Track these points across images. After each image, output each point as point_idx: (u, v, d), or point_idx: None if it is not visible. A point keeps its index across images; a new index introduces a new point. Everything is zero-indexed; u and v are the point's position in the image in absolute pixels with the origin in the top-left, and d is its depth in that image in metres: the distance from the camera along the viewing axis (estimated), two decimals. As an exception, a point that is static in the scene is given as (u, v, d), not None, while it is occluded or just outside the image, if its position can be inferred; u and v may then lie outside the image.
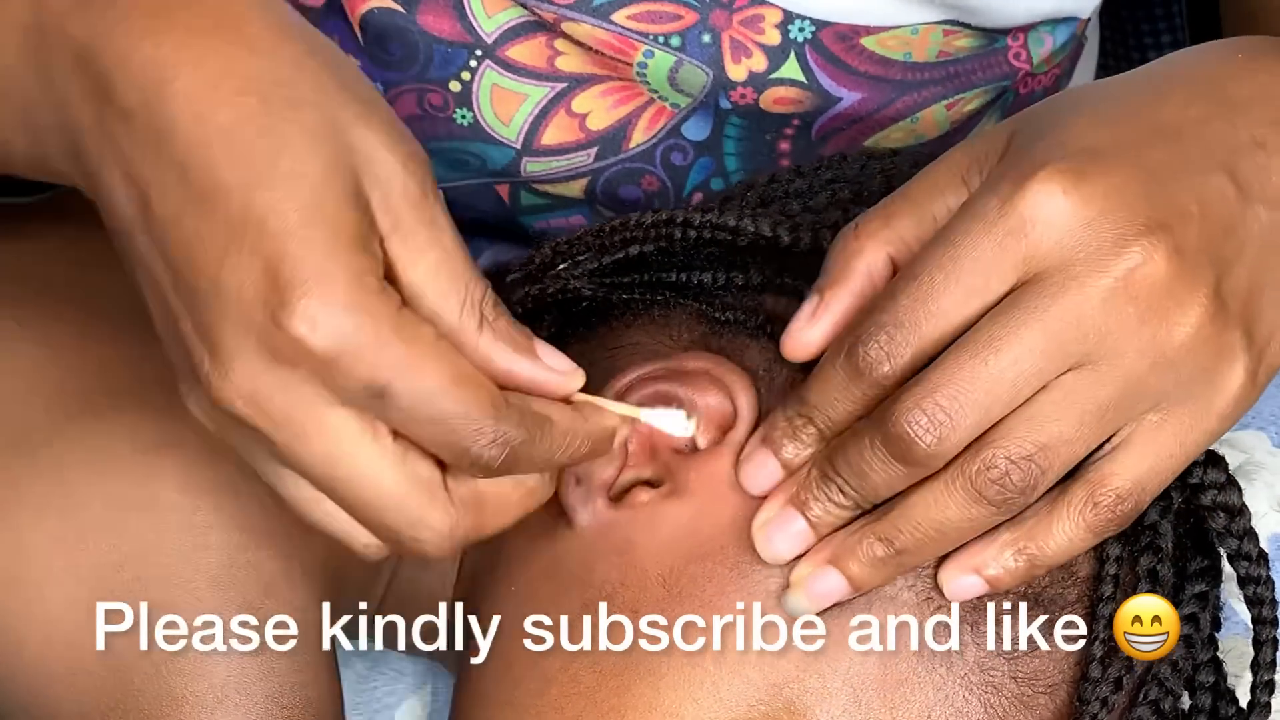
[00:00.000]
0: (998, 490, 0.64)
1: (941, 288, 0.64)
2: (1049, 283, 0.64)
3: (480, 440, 0.61)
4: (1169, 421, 0.65)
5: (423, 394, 0.60)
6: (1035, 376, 0.64)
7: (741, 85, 0.86)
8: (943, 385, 0.64)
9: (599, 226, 0.76)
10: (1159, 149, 0.66)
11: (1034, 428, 0.64)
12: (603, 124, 0.87)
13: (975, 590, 0.68)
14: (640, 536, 0.71)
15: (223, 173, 0.59)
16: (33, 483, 0.70)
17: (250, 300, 0.59)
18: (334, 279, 0.59)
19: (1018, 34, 0.88)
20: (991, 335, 0.64)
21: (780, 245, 0.73)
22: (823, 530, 0.68)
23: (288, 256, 0.59)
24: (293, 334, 0.59)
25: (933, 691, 0.69)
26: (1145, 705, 0.70)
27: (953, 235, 0.65)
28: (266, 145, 0.60)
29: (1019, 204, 0.64)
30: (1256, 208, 0.66)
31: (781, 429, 0.69)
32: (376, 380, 0.60)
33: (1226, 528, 0.71)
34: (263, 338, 0.59)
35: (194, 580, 0.70)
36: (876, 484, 0.66)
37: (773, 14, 0.85)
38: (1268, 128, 0.67)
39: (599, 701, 0.69)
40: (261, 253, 0.59)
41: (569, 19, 0.84)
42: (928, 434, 0.64)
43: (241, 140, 0.59)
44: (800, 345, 0.69)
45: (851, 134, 0.87)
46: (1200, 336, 0.64)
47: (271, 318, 0.59)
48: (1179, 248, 0.64)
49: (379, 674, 0.85)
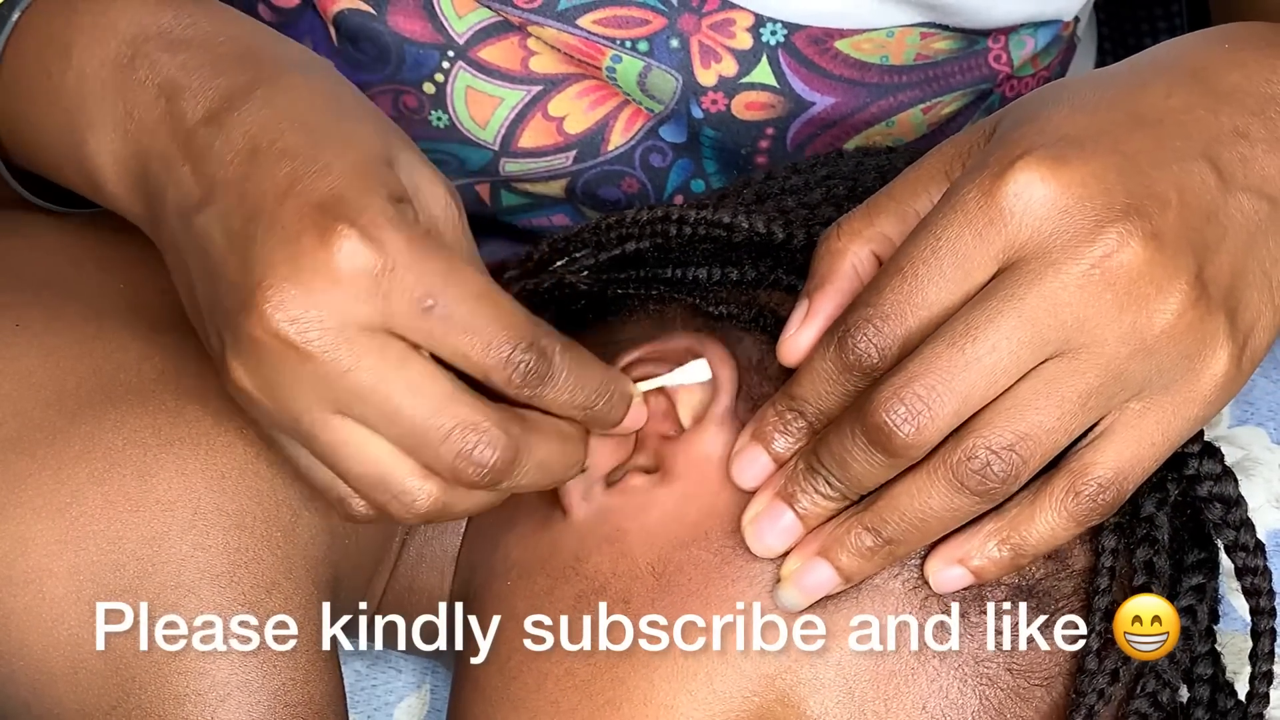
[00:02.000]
0: (979, 480, 0.64)
1: (925, 279, 0.65)
2: (1026, 270, 0.64)
3: (520, 344, 0.64)
4: (1151, 409, 0.65)
5: (465, 299, 0.64)
6: (1014, 364, 0.64)
7: (712, 90, 0.86)
8: (920, 375, 0.64)
9: (596, 223, 0.76)
10: (1139, 136, 0.66)
11: (1014, 417, 0.64)
12: (580, 127, 0.87)
13: (961, 582, 0.68)
14: (631, 524, 0.71)
15: (290, 138, 0.65)
16: (33, 482, 0.70)
17: (305, 226, 0.63)
18: (383, 209, 0.64)
19: (999, 36, 0.87)
20: (969, 324, 0.64)
21: (774, 242, 0.73)
22: (811, 523, 0.68)
23: (341, 193, 0.63)
24: (346, 253, 0.63)
25: (928, 683, 0.69)
26: (1143, 698, 0.70)
27: (934, 226, 0.65)
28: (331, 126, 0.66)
29: (997, 193, 0.64)
30: (1238, 196, 0.66)
31: (771, 423, 0.69)
32: (424, 289, 0.63)
33: (1223, 519, 0.71)
34: (317, 260, 0.63)
35: (195, 580, 0.70)
36: (860, 475, 0.66)
37: (744, 18, 0.85)
38: (1250, 117, 0.67)
39: (594, 695, 0.69)
40: (317, 192, 0.64)
41: (534, 23, 0.84)
42: (906, 423, 0.64)
43: (309, 120, 0.66)
44: (795, 350, 0.69)
45: (827, 139, 0.87)
46: (1182, 323, 0.64)
47: (322, 240, 0.63)
48: (1156, 233, 0.64)
49: (378, 672, 0.85)
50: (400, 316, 0.64)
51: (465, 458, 0.64)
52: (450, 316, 0.64)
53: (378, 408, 0.64)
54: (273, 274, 0.63)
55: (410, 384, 0.64)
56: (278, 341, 0.63)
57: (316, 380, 0.64)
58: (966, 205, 0.64)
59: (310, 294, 0.63)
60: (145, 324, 0.74)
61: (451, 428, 0.64)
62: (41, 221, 0.80)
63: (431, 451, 0.64)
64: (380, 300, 0.63)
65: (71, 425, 0.71)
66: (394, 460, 0.65)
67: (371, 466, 0.65)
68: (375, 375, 0.64)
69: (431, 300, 0.64)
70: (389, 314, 0.63)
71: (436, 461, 0.65)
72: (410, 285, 0.63)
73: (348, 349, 0.63)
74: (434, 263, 0.64)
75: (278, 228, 0.64)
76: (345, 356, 0.63)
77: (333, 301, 0.63)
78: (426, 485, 0.66)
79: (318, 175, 0.64)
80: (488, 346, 0.64)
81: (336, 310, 0.63)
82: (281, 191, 0.64)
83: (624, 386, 0.69)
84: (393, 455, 0.65)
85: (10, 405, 0.71)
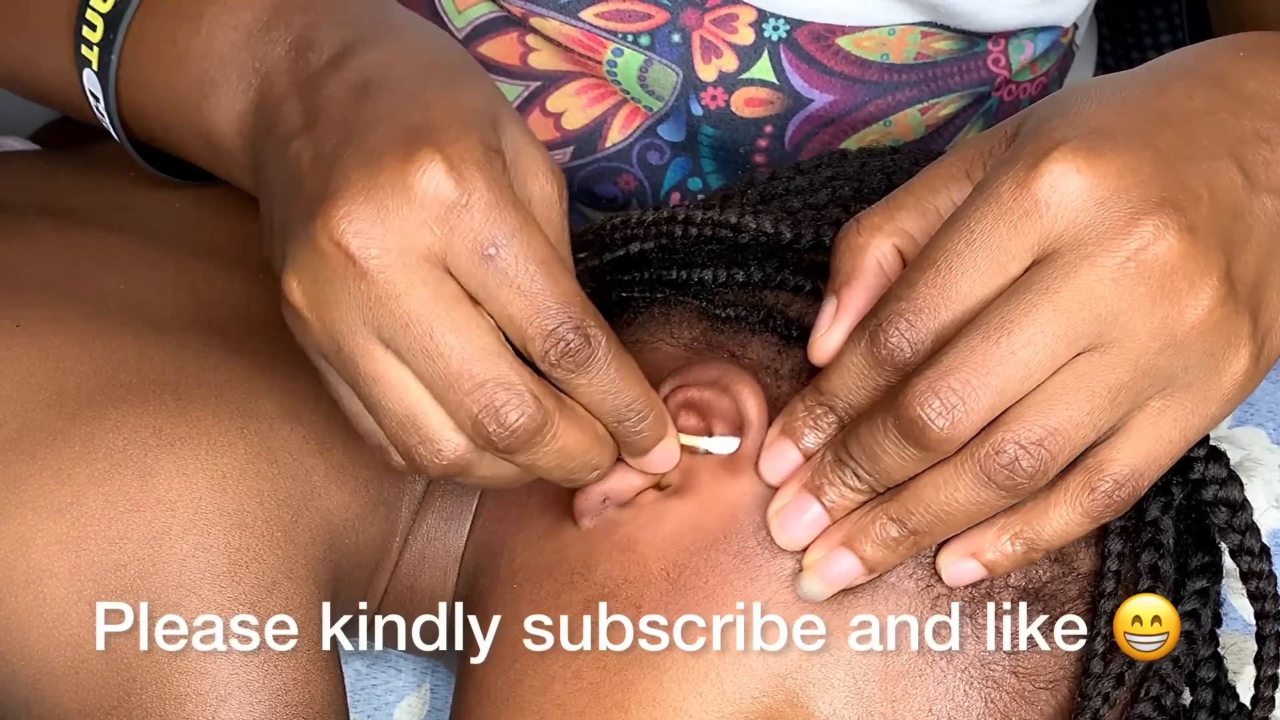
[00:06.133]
0: (1007, 475, 0.64)
1: (959, 272, 0.64)
2: (1061, 262, 0.63)
3: (568, 321, 0.64)
4: (1171, 408, 0.65)
5: (529, 259, 0.63)
6: (1049, 358, 0.63)
7: (712, 85, 0.86)
8: (956, 368, 0.63)
9: (600, 224, 0.76)
10: (1168, 133, 0.65)
11: (1044, 411, 0.64)
12: (578, 123, 0.87)
13: (973, 575, 0.68)
14: (643, 534, 0.71)
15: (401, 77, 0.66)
16: (34, 483, 0.70)
17: (392, 145, 0.63)
18: (473, 148, 0.63)
19: (998, 39, 0.88)
20: (1004, 316, 0.63)
21: (782, 242, 0.73)
22: (837, 515, 0.68)
23: (436, 122, 0.64)
24: (426, 176, 0.63)
25: (934, 685, 0.69)
26: (1147, 701, 0.70)
27: (967, 218, 0.64)
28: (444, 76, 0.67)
29: (1033, 184, 0.64)
30: (1263, 196, 0.66)
31: (801, 418, 0.69)
32: (491, 235, 0.63)
33: (1228, 523, 0.71)
34: (395, 178, 0.63)
35: (196, 580, 0.69)
36: (890, 468, 0.66)
37: (746, 13, 0.85)
38: (1269, 122, 0.67)
39: (602, 696, 0.69)
40: (412, 119, 0.64)
41: (536, 14, 0.84)
42: (941, 418, 0.64)
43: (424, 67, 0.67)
44: (826, 349, 0.68)
45: (825, 138, 0.87)
46: (1211, 320, 0.64)
47: (406, 159, 0.63)
48: (1191, 227, 0.64)
49: (378, 672, 0.85)
50: (460, 256, 0.63)
51: (491, 413, 0.64)
52: (507, 271, 0.64)
53: (419, 340, 0.64)
54: (349, 187, 0.63)
55: (456, 324, 0.64)
56: (339, 253, 0.63)
57: (367, 301, 0.63)
58: (1001, 197, 0.64)
59: (380, 210, 0.63)
60: (145, 324, 0.74)
61: (486, 379, 0.64)
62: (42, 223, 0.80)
63: (458, 399, 0.64)
64: (446, 232, 0.63)
65: (72, 426, 0.71)
66: (429, 405, 0.65)
67: (406, 406, 0.65)
68: (424, 306, 0.63)
69: (494, 249, 0.63)
70: (450, 249, 0.63)
71: (460, 410, 0.64)
72: (478, 227, 0.63)
73: (404, 274, 0.63)
74: (508, 213, 0.64)
75: (366, 147, 0.64)
76: (400, 281, 0.63)
77: (400, 223, 0.63)
78: (457, 437, 0.65)
79: (418, 108, 0.64)
80: (535, 313, 0.64)
81: (402, 233, 0.63)
82: (380, 117, 0.64)
83: (661, 414, 0.69)
84: (429, 399, 0.65)
85: (10, 406, 0.71)
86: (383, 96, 0.65)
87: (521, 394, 0.64)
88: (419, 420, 0.65)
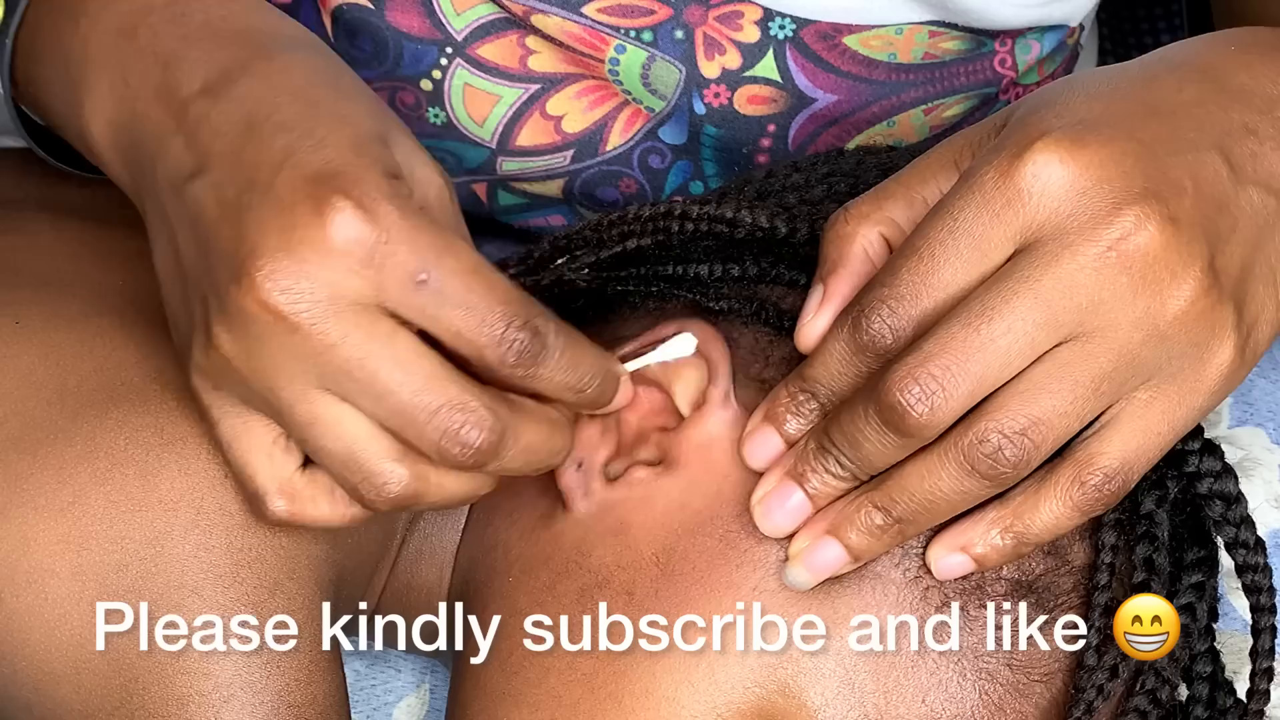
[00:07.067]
0: (990, 465, 0.64)
1: (941, 260, 0.65)
2: (1043, 251, 0.64)
3: (515, 321, 0.64)
4: (1158, 399, 0.65)
5: (460, 274, 0.64)
6: (1029, 347, 0.64)
7: (715, 83, 0.86)
8: (935, 355, 0.64)
9: (597, 220, 0.76)
10: (1154, 125, 0.66)
11: (1027, 400, 0.64)
12: (579, 127, 0.87)
13: (963, 569, 0.68)
14: (635, 516, 0.71)
15: (287, 112, 0.65)
16: (35, 482, 0.70)
17: (300, 197, 0.63)
18: (378, 184, 0.63)
19: (1005, 39, 0.88)
20: (984, 304, 0.64)
21: (777, 237, 0.73)
22: (820, 502, 0.68)
23: (337, 166, 0.63)
24: (340, 225, 0.63)
25: (928, 677, 0.69)
26: (1142, 694, 0.70)
27: (951, 207, 0.65)
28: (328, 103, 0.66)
29: (1015, 174, 0.64)
30: (1249, 189, 0.66)
31: (784, 404, 0.69)
32: (419, 263, 0.63)
33: (1224, 515, 0.71)
34: (311, 232, 0.63)
35: (198, 580, 0.69)
36: (871, 454, 0.66)
37: (752, 11, 0.85)
38: (1258, 116, 0.67)
39: (597, 688, 0.69)
40: (313, 165, 0.64)
41: (538, 11, 0.84)
42: (920, 403, 0.64)
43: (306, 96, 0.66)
44: (811, 335, 0.69)
45: (828, 138, 0.87)
46: (1194, 310, 0.64)
47: (317, 211, 0.63)
48: (1173, 218, 0.64)
49: (377, 672, 0.85)
50: (393, 291, 0.63)
51: (451, 437, 0.64)
52: (443, 291, 0.64)
53: (364, 383, 0.64)
54: (266, 244, 0.63)
55: (398, 360, 0.64)
56: (267, 312, 0.63)
57: (303, 353, 0.63)
58: (984, 186, 0.64)
59: (303, 265, 0.63)
60: (147, 322, 0.74)
61: (438, 406, 0.64)
62: (41, 219, 0.80)
63: (417, 430, 0.64)
64: (373, 274, 0.63)
65: (73, 424, 0.71)
66: (369, 440, 0.65)
67: (344, 444, 0.65)
68: (362, 350, 0.63)
69: (425, 275, 0.63)
70: (381, 288, 0.63)
71: (421, 440, 0.64)
72: (403, 259, 0.63)
73: (336, 322, 0.63)
74: (428, 237, 0.64)
75: (272, 198, 0.63)
76: (333, 330, 0.63)
77: (325, 274, 0.63)
78: (398, 469, 0.65)
79: (313, 149, 0.64)
80: (481, 323, 0.64)
81: (328, 283, 0.63)
82: (277, 163, 0.64)
83: (615, 367, 0.69)
84: (369, 435, 0.65)
85: (11, 404, 0.71)
86: (276, 136, 0.65)
87: (476, 411, 0.64)
88: (359, 457, 0.65)
